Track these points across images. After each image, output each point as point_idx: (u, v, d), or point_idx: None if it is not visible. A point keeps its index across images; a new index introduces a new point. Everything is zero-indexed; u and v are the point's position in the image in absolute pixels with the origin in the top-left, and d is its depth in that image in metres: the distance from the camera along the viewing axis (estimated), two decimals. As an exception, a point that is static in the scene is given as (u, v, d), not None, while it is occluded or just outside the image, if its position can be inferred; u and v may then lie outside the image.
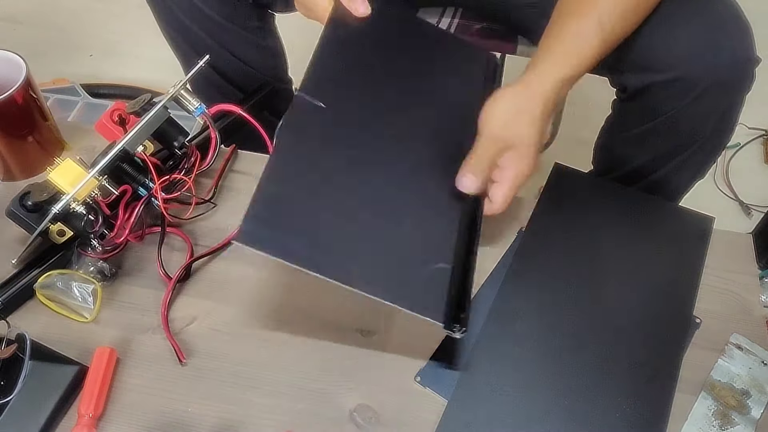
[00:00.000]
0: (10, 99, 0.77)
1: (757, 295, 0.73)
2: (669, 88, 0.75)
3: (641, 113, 0.82)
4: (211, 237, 0.77)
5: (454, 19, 1.08)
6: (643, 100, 0.80)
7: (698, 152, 0.84)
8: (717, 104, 0.77)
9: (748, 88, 0.77)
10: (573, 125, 1.37)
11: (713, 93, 0.75)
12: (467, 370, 0.66)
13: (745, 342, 0.69)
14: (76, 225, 0.69)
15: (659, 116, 0.79)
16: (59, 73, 1.49)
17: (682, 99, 0.75)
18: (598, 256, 0.76)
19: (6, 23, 1.74)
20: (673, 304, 0.72)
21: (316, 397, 0.65)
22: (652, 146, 0.85)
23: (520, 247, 0.76)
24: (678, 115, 0.78)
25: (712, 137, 0.82)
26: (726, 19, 0.74)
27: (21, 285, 0.70)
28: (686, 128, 0.80)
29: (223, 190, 0.82)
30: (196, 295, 0.72)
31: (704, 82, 0.73)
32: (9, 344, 0.64)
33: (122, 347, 0.68)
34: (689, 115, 0.78)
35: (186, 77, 0.76)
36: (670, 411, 0.63)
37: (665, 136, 0.82)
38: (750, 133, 1.47)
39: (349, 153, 0.66)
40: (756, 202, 1.35)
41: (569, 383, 0.65)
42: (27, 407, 0.62)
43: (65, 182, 0.67)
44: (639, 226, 0.79)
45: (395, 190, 0.67)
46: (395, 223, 0.64)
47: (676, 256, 0.76)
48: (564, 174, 0.84)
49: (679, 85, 0.74)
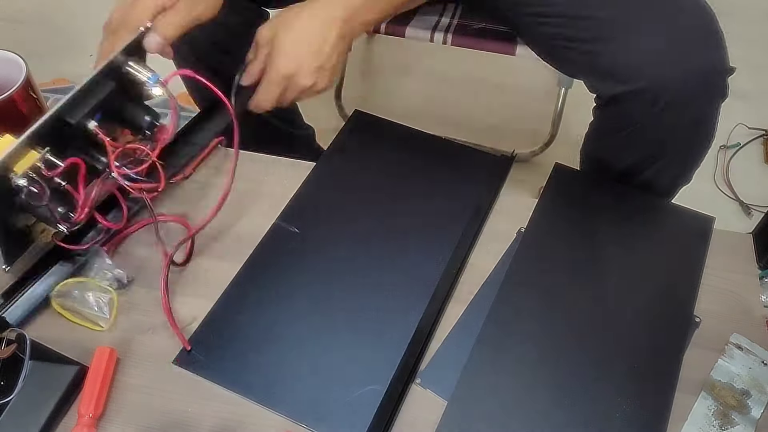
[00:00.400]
0: (10, 99, 0.77)
1: (757, 295, 0.73)
2: (637, 98, 0.75)
3: (615, 120, 0.82)
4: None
5: (453, 19, 1.08)
6: (615, 107, 0.80)
7: (675, 160, 0.84)
8: (686, 115, 0.77)
9: (720, 98, 0.76)
10: (572, 126, 1.37)
11: (681, 103, 0.74)
12: (467, 370, 0.66)
13: (745, 342, 0.69)
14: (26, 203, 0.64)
15: (631, 125, 0.80)
16: (59, 73, 1.49)
17: (650, 108, 0.75)
18: (598, 256, 0.76)
19: (6, 23, 1.74)
20: (674, 304, 0.72)
21: (316, 397, 0.65)
22: (629, 152, 0.85)
23: (520, 246, 0.76)
24: (647, 126, 0.78)
25: (683, 149, 0.82)
26: (695, 29, 0.73)
27: (23, 294, 0.69)
28: (657, 137, 0.80)
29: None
30: (196, 295, 0.72)
31: (670, 92, 0.73)
32: (9, 344, 0.64)
33: (122, 347, 0.68)
34: (657, 126, 0.78)
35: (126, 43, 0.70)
36: (671, 411, 0.63)
37: (637, 146, 0.83)
38: (750, 133, 1.47)
39: (309, 277, 0.73)
40: (756, 202, 1.35)
41: (569, 383, 0.65)
42: (27, 407, 0.62)
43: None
44: (639, 226, 0.79)
45: (348, 313, 0.70)
46: (338, 347, 0.67)
47: (677, 256, 0.76)
48: (564, 174, 0.84)
49: (646, 95, 0.74)
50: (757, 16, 1.61)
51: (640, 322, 0.70)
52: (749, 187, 1.38)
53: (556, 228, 0.78)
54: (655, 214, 0.81)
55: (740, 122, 1.44)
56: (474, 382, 0.65)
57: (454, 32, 1.05)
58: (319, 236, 0.76)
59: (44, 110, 0.84)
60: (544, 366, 0.66)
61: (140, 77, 0.70)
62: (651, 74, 0.73)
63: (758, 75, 0.76)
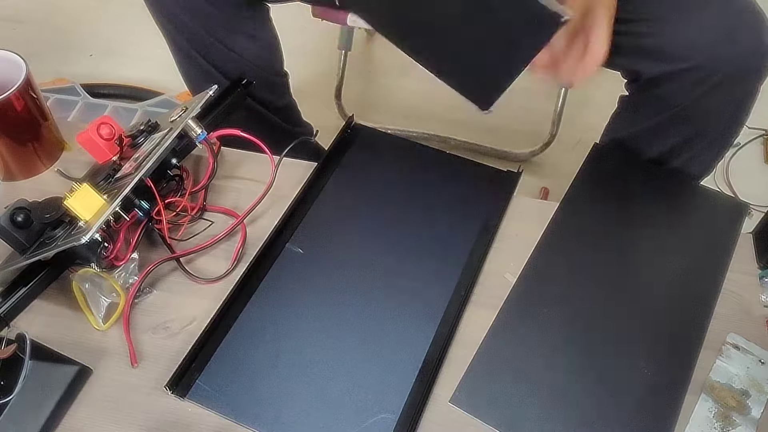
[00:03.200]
0: (10, 99, 0.77)
1: (757, 295, 0.73)
2: (683, 78, 0.75)
3: (653, 105, 0.82)
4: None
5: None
6: (656, 90, 0.79)
7: (711, 145, 0.84)
8: (732, 95, 0.77)
9: (764, 78, 0.76)
10: (572, 126, 1.37)
11: (728, 83, 0.74)
12: (492, 334, 0.68)
13: (742, 341, 0.69)
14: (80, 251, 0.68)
15: (672, 108, 0.79)
16: (59, 73, 1.49)
17: (697, 89, 0.75)
18: (630, 237, 0.77)
19: (6, 23, 1.74)
20: (703, 278, 0.74)
21: (316, 398, 0.65)
22: (662, 141, 0.85)
23: (553, 220, 0.78)
24: (692, 106, 0.78)
25: (724, 130, 0.82)
26: (741, 9, 0.73)
27: (20, 296, 0.69)
28: (699, 120, 0.80)
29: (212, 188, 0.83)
30: (195, 295, 0.73)
31: (719, 72, 0.73)
32: (9, 344, 0.63)
33: (122, 347, 0.68)
34: (703, 106, 0.78)
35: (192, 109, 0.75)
36: (690, 381, 0.65)
37: (677, 129, 0.82)
38: (750, 133, 1.47)
39: (316, 302, 0.71)
40: (756, 202, 1.35)
41: (593, 349, 0.67)
42: (27, 407, 0.62)
43: (83, 209, 0.66)
44: (674, 206, 0.81)
45: (356, 339, 0.68)
46: (347, 374, 0.65)
47: (710, 237, 0.78)
48: (602, 153, 0.86)
49: (693, 75, 0.74)
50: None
51: (668, 293, 0.72)
52: (749, 187, 1.38)
53: (590, 205, 0.79)
54: (690, 196, 0.82)
55: (740, 122, 1.44)
56: (498, 347, 0.67)
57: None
58: (324, 258, 0.75)
59: (44, 110, 0.84)
60: (569, 332, 0.68)
61: (192, 133, 0.75)
62: (702, 53, 0.72)
63: (758, 75, 0.77)
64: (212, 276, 0.74)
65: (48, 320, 0.70)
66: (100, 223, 0.65)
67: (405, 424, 0.62)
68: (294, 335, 0.68)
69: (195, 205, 0.79)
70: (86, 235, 0.63)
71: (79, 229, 0.67)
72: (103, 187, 0.73)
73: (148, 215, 0.73)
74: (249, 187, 0.83)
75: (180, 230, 0.77)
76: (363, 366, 0.66)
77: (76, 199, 0.66)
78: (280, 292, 0.72)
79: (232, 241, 0.77)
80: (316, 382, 0.65)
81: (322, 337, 0.68)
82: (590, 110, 0.86)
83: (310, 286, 0.72)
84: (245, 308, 0.71)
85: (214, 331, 0.68)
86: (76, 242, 0.63)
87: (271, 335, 0.68)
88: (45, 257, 0.67)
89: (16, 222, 0.69)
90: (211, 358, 0.66)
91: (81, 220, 0.66)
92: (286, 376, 0.65)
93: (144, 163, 0.70)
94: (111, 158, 0.77)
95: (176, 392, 0.63)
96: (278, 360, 0.66)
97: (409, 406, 0.63)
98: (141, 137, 0.77)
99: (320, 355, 0.67)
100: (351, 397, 0.64)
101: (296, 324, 0.69)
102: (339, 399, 0.64)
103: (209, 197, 0.81)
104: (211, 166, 0.78)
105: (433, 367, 0.66)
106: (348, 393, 0.64)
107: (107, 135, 0.77)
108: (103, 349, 0.68)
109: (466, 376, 0.65)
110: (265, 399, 0.64)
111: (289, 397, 0.64)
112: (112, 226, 0.70)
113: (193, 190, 0.79)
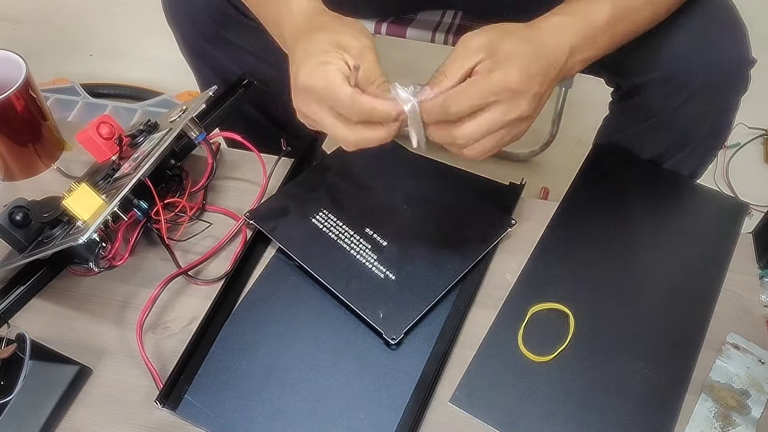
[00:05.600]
0: (10, 99, 0.77)
1: (757, 295, 0.73)
2: (661, 88, 0.75)
3: (636, 113, 0.82)
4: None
5: (454, 20, 1.08)
6: (637, 99, 0.80)
7: (693, 153, 0.84)
8: (710, 105, 0.77)
9: (743, 89, 0.76)
10: (572, 126, 1.37)
11: (706, 94, 0.74)
12: (491, 335, 0.68)
13: (742, 341, 0.69)
14: (78, 251, 0.68)
15: (653, 116, 0.80)
16: (59, 73, 1.49)
17: (675, 99, 0.75)
18: (630, 237, 0.77)
19: (6, 23, 1.74)
20: (703, 278, 0.74)
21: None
22: (647, 146, 0.85)
23: (554, 217, 0.78)
24: (671, 116, 0.78)
25: (706, 138, 0.82)
26: (720, 19, 0.73)
27: (17, 294, 0.70)
28: (679, 129, 0.80)
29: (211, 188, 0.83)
30: (195, 295, 0.73)
31: (696, 82, 0.73)
32: (9, 344, 0.63)
33: (122, 347, 0.68)
34: (682, 116, 0.78)
35: (192, 109, 0.75)
36: (690, 381, 0.65)
37: (659, 137, 0.83)
38: (750, 133, 1.47)
39: (307, 318, 0.69)
40: (756, 202, 1.35)
41: (592, 348, 0.67)
42: (27, 407, 0.62)
43: (81, 209, 0.65)
44: (673, 204, 0.81)
45: (349, 358, 0.66)
46: (339, 394, 0.63)
47: (710, 236, 0.78)
48: (602, 153, 0.86)
49: (671, 85, 0.74)
50: (756, 15, 1.60)
51: (668, 293, 0.72)
52: (749, 187, 1.38)
53: (590, 204, 0.79)
54: (691, 196, 0.83)
55: (740, 122, 1.44)
56: (498, 347, 0.67)
57: (455, 33, 1.05)
58: (318, 271, 0.71)
59: (44, 110, 0.84)
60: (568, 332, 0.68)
61: (191, 134, 0.75)
62: (679, 63, 0.73)
63: (758, 75, 0.76)
64: (212, 277, 0.74)
65: (48, 320, 0.70)
66: (98, 223, 0.64)
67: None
68: (284, 351, 0.67)
69: (194, 205, 0.79)
70: (84, 236, 0.63)
71: (77, 228, 0.66)
72: (102, 186, 0.73)
73: (147, 215, 0.73)
74: (248, 187, 0.83)
75: (179, 230, 0.76)
76: (356, 386, 0.64)
77: (75, 199, 0.66)
78: (268, 307, 0.70)
79: (232, 241, 0.77)
80: (307, 402, 0.63)
81: (312, 355, 0.66)
82: (590, 110, 0.86)
83: (300, 300, 0.70)
84: (228, 320, 0.69)
85: (201, 341, 0.67)
86: (73, 242, 0.63)
87: (261, 351, 0.66)
88: (43, 256, 0.67)
89: (15, 221, 0.69)
90: (199, 369, 0.65)
91: (79, 219, 0.66)
92: (276, 395, 0.63)
93: (143, 163, 0.70)
94: (110, 157, 0.77)
95: (167, 405, 0.61)
96: (268, 377, 0.65)
97: (402, 426, 0.61)
98: (140, 137, 0.77)
99: (310, 373, 0.65)
100: (344, 416, 0.62)
101: (286, 339, 0.68)
102: (331, 417, 0.62)
103: (208, 197, 0.81)
104: (210, 166, 0.78)
105: (428, 386, 0.63)
106: (341, 412, 0.62)
107: (107, 134, 0.77)
108: (103, 349, 0.68)
109: (466, 376, 0.65)
110: (254, 417, 0.62)
111: (279, 416, 0.62)
112: (110, 226, 0.70)
113: (192, 190, 0.79)
